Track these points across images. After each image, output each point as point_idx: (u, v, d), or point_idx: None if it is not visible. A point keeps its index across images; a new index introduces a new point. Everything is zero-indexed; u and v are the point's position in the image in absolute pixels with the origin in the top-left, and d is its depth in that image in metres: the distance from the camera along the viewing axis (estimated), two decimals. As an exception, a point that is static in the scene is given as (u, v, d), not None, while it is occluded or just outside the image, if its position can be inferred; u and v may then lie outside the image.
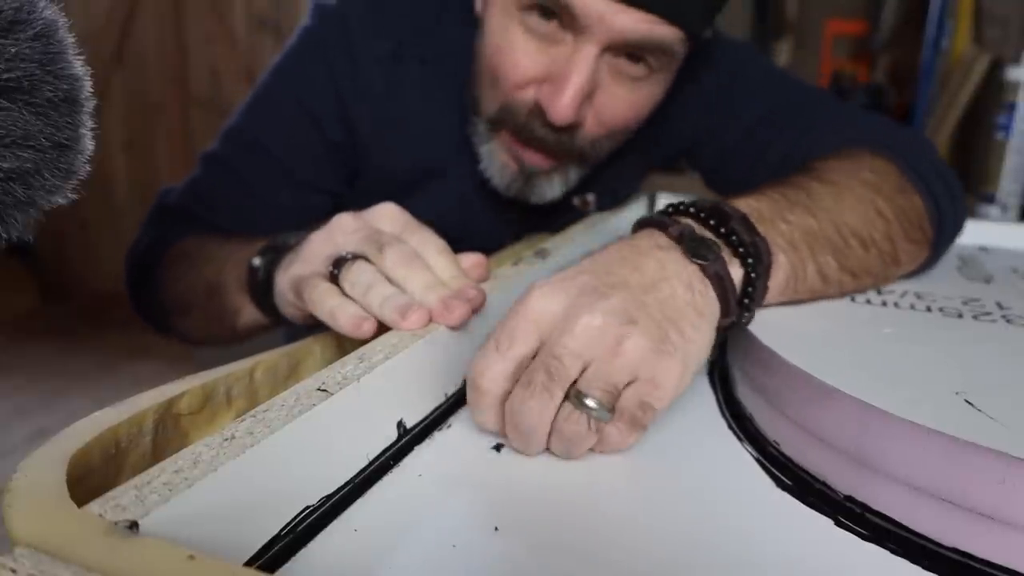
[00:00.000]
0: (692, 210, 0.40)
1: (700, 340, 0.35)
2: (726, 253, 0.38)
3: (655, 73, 0.58)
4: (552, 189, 0.65)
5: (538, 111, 0.58)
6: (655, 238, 0.38)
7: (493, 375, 0.34)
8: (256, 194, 0.68)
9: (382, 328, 0.39)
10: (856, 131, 0.61)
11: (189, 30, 2.36)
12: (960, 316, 0.42)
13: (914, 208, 0.50)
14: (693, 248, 0.37)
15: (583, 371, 0.33)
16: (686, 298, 0.36)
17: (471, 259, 0.45)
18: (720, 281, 0.37)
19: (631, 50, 0.55)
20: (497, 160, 0.64)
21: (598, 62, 0.55)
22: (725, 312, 0.37)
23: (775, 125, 0.67)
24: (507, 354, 0.34)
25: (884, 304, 0.45)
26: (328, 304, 0.40)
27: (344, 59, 0.66)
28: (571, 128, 0.59)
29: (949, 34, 1.52)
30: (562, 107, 0.55)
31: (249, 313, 0.55)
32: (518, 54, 0.57)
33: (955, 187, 0.57)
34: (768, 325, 0.39)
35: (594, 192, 0.75)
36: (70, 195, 0.26)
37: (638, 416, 0.33)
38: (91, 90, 0.26)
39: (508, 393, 0.34)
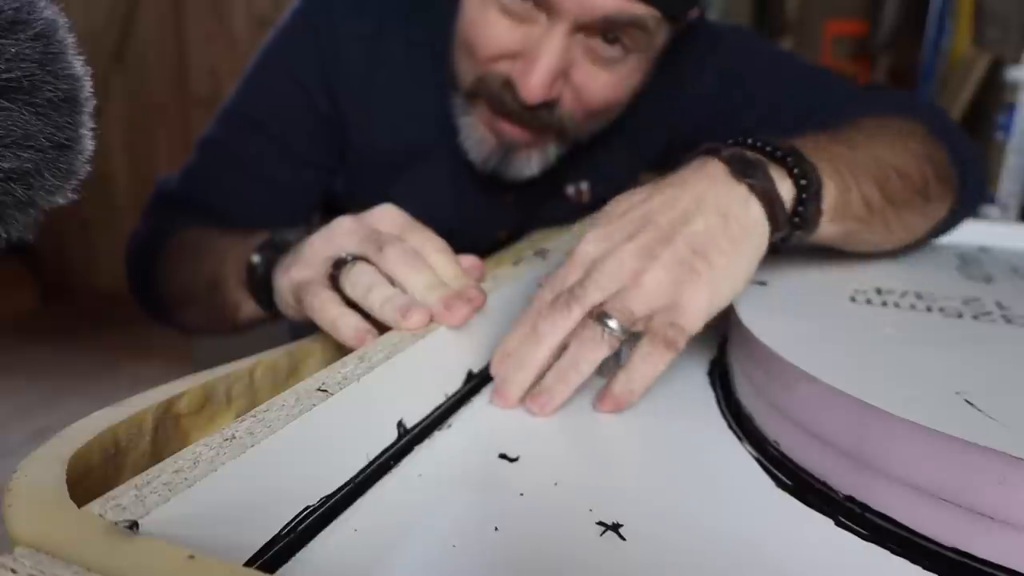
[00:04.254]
0: (747, 140, 0.42)
1: (730, 265, 0.38)
2: (777, 172, 0.40)
3: (632, 54, 0.59)
4: (529, 166, 0.65)
5: (511, 85, 0.59)
6: (704, 165, 0.40)
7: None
8: (253, 172, 0.69)
9: (383, 328, 0.39)
10: (879, 101, 0.63)
11: (189, 30, 2.36)
12: (960, 316, 0.42)
13: (941, 156, 0.53)
14: (741, 168, 0.39)
15: (606, 300, 0.38)
16: (718, 227, 0.38)
17: (468, 261, 0.45)
18: (767, 196, 0.39)
19: (605, 28, 0.56)
20: (475, 134, 0.64)
21: (570, 41, 0.56)
22: (775, 227, 0.39)
23: (796, 111, 0.68)
24: (556, 289, 0.39)
25: (884, 304, 0.44)
26: (330, 314, 0.41)
27: (327, 35, 0.67)
28: (546, 105, 0.59)
29: (949, 34, 1.53)
30: (531, 86, 0.56)
31: (249, 308, 0.55)
32: (491, 28, 0.58)
33: (974, 149, 0.60)
34: (768, 325, 0.39)
35: (588, 180, 0.75)
36: (70, 195, 0.26)
37: (670, 336, 0.37)
38: (91, 90, 0.26)
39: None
